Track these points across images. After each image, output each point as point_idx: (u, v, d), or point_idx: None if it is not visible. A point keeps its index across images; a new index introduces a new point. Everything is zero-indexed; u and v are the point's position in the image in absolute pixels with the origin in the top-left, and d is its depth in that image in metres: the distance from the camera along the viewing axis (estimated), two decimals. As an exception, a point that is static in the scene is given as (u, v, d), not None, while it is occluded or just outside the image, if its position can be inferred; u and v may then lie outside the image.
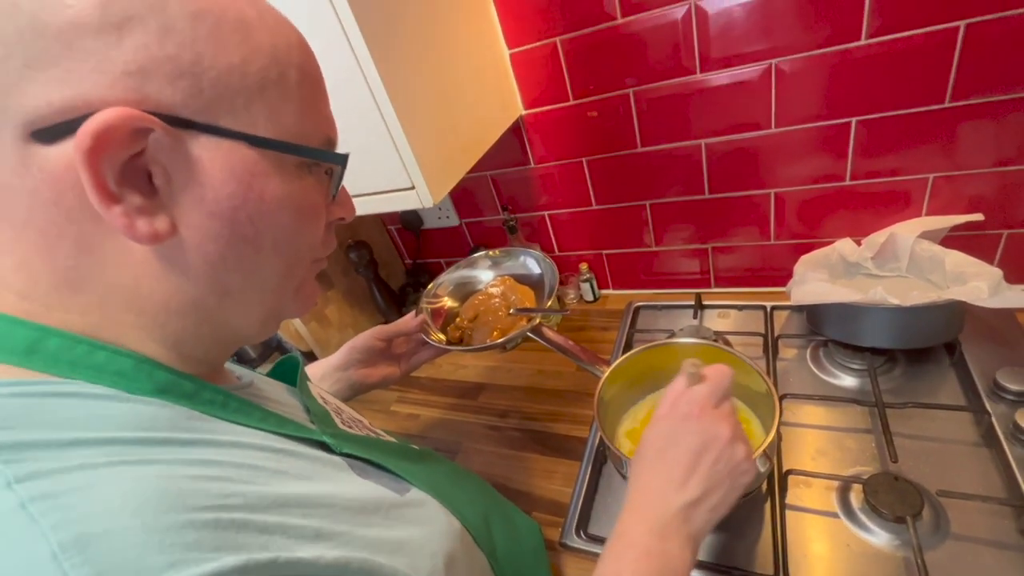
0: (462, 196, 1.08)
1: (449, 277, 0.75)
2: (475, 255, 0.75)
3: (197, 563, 0.22)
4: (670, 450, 0.42)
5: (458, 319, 0.70)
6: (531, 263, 0.72)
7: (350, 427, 0.45)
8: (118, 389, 0.28)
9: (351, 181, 0.38)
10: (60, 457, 0.23)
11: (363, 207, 0.65)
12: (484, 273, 0.75)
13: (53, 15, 0.24)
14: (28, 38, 0.24)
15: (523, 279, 0.72)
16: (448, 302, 0.73)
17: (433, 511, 0.41)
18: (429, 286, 0.74)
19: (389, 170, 0.63)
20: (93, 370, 0.28)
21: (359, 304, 1.13)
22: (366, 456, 0.39)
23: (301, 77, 0.31)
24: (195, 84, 0.27)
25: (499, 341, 0.63)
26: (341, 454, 0.38)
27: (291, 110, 0.31)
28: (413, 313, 0.70)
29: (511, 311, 0.68)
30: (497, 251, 0.75)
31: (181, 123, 0.27)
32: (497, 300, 0.70)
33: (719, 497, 0.41)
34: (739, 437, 0.43)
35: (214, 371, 0.37)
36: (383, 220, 1.20)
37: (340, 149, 0.36)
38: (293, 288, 0.36)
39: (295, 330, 1.01)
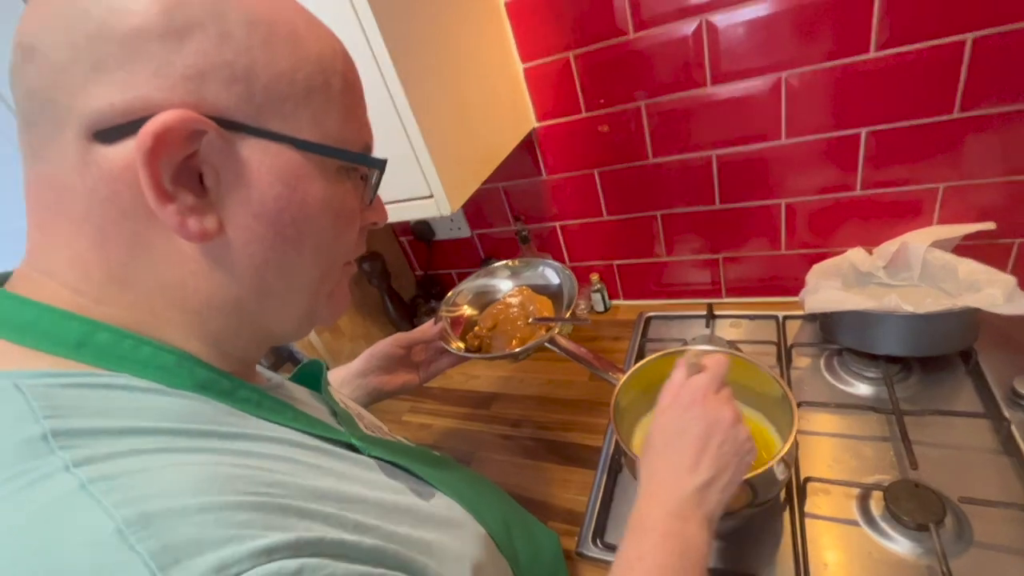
0: (474, 207, 1.09)
1: (468, 286, 0.75)
2: (494, 264, 0.76)
3: (253, 538, 0.23)
4: (679, 437, 0.44)
5: (477, 328, 0.71)
6: (550, 273, 0.73)
7: (372, 432, 0.46)
8: (161, 383, 0.29)
9: (373, 188, 0.39)
10: (112, 444, 0.24)
11: (383, 215, 0.66)
12: (503, 283, 0.75)
13: (120, 21, 0.25)
14: (96, 43, 0.25)
15: (541, 289, 0.73)
16: (467, 311, 0.74)
17: (459, 516, 0.41)
18: (449, 294, 0.74)
19: (409, 179, 0.64)
20: (138, 364, 0.28)
21: (371, 315, 1.14)
22: (393, 459, 0.40)
23: (344, 85, 0.32)
24: (248, 89, 0.28)
25: (518, 349, 0.63)
26: (369, 456, 0.38)
27: (334, 116, 0.32)
28: (433, 321, 0.70)
29: (530, 320, 0.68)
30: (516, 261, 0.76)
31: (233, 126, 0.28)
32: (515, 310, 0.71)
33: (728, 477, 0.43)
34: (740, 419, 0.45)
35: (248, 369, 0.37)
36: (395, 231, 1.21)
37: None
38: (327, 292, 0.37)
39: (307, 340, 1.02)
